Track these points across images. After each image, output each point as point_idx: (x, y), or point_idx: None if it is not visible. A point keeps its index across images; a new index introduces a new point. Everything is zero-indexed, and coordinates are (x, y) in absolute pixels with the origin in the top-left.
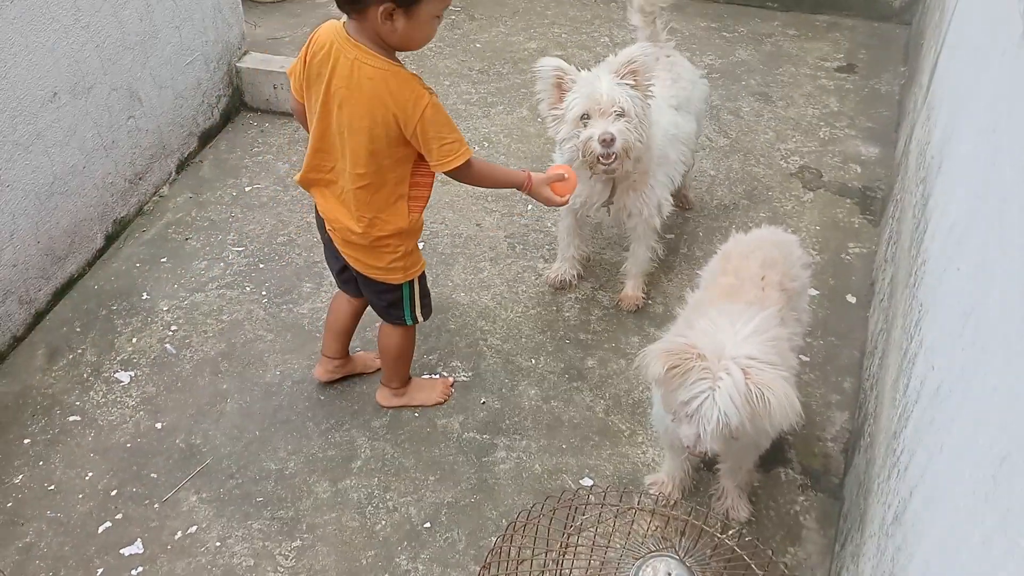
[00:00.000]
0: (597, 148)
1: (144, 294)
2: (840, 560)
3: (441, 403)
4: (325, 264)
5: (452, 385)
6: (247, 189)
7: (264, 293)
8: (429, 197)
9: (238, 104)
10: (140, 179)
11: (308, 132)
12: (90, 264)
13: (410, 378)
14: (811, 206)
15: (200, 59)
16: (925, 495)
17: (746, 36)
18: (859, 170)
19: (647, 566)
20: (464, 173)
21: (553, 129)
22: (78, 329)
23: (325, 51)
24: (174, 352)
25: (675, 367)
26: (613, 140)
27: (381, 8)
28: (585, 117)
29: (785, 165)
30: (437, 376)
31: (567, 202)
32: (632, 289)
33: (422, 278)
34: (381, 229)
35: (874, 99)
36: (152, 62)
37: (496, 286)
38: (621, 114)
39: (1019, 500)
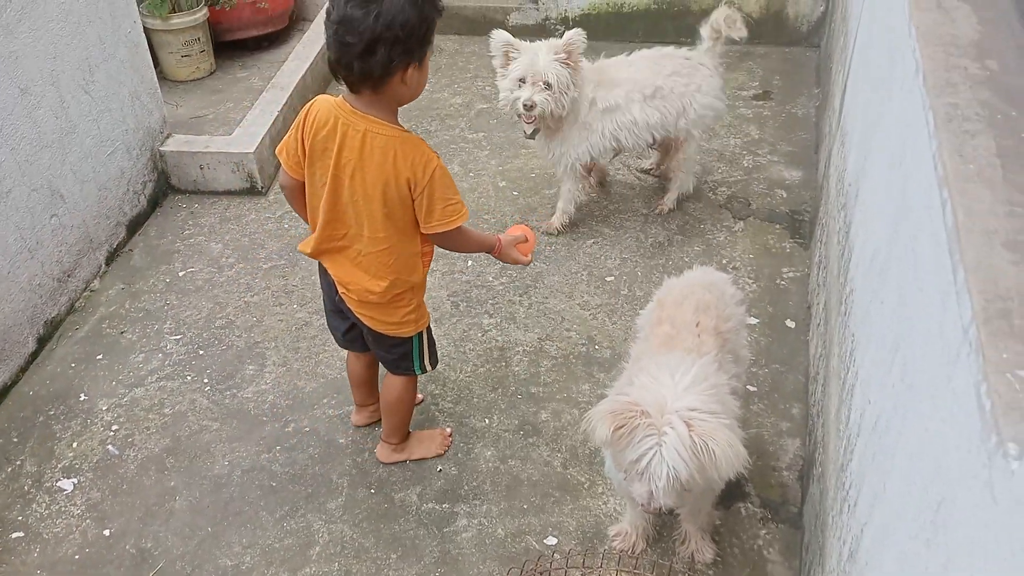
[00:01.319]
0: (521, 109)
1: (82, 395)
2: None
3: (441, 454)
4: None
5: (450, 435)
6: (181, 274)
7: (206, 381)
8: (434, 250)
9: (165, 188)
10: (69, 276)
11: (297, 207)
12: (23, 369)
13: (409, 432)
14: (742, 235)
15: (121, 148)
16: (874, 534)
17: None
18: (784, 195)
19: None
20: (454, 236)
21: (500, 85)
22: (15, 439)
23: (330, 127)
24: (117, 453)
25: (621, 427)
26: (534, 106)
27: (408, 71)
28: (521, 80)
29: (714, 197)
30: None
31: (531, 261)
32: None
33: (429, 329)
34: (400, 286)
35: (792, 123)
36: (72, 157)
37: (443, 347)
38: (548, 86)
39: (959, 550)
